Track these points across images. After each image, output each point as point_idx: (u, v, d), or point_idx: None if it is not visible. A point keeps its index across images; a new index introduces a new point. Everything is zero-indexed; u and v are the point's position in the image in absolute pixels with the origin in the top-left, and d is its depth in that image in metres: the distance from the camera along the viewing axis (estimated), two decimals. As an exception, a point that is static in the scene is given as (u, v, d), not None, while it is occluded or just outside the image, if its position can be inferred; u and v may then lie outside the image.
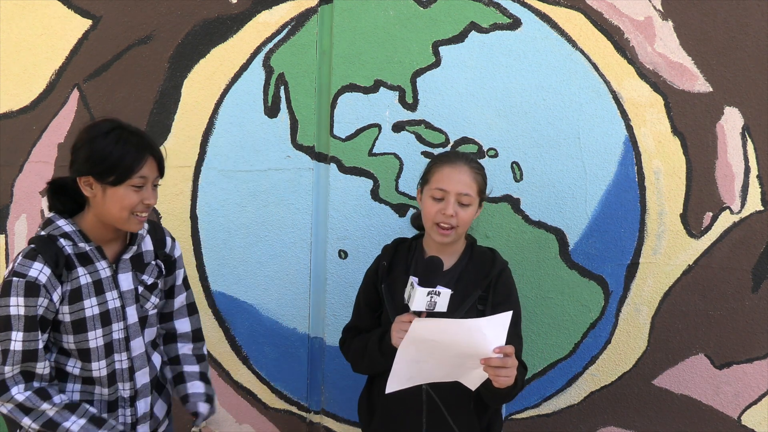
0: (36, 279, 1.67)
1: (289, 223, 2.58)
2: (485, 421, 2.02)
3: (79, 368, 1.80)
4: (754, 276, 2.52)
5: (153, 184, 1.79)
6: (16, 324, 1.67)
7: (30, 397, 1.69)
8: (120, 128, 1.75)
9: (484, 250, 2.08)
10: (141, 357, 1.90)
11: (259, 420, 2.71)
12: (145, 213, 1.78)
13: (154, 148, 1.78)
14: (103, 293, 1.80)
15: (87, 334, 1.77)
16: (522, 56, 2.46)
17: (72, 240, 1.76)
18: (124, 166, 1.71)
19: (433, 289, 1.78)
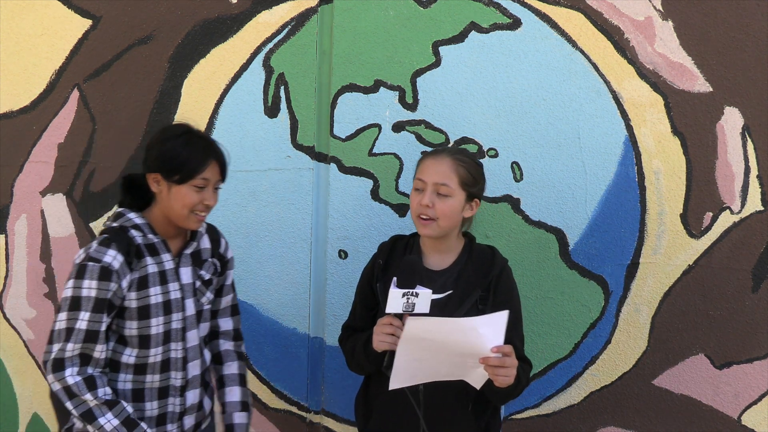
0: (110, 265, 1.80)
1: (289, 223, 2.58)
2: (483, 422, 2.01)
3: (135, 357, 1.91)
4: (754, 276, 2.52)
5: (214, 186, 1.93)
6: (86, 305, 1.79)
7: (78, 384, 1.80)
8: (190, 132, 1.92)
9: (484, 249, 2.07)
10: (195, 349, 2.01)
11: (259, 420, 2.71)
12: (204, 213, 1.92)
13: (219, 154, 1.92)
14: (167, 283, 1.93)
15: (150, 321, 1.89)
16: (522, 56, 2.46)
17: (142, 231, 1.90)
18: (188, 167, 1.85)
19: (408, 290, 1.77)
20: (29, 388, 2.74)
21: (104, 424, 1.80)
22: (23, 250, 2.67)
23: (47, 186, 2.63)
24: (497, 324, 1.70)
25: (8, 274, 2.69)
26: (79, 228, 2.64)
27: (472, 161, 2.01)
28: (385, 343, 1.82)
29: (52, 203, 2.64)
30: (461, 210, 1.96)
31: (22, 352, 2.72)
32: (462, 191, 1.95)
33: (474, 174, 1.97)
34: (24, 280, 2.69)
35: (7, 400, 2.76)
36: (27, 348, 2.72)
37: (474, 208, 1.99)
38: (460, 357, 1.77)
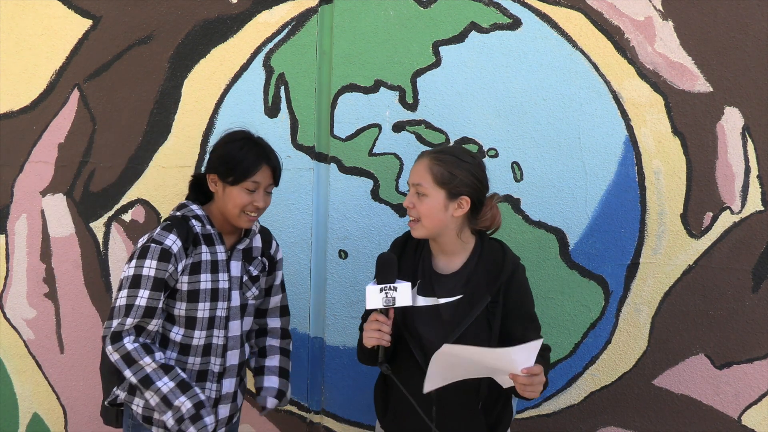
0: (170, 248, 1.97)
1: (289, 223, 2.58)
2: (492, 418, 2.02)
3: (181, 335, 2.04)
4: (754, 276, 2.52)
5: (266, 190, 2.05)
6: (145, 283, 1.95)
7: (137, 349, 1.94)
8: (248, 138, 2.06)
9: (495, 248, 2.03)
10: (235, 339, 2.12)
11: (259, 420, 2.71)
12: (254, 213, 2.04)
13: (271, 159, 2.05)
14: (217, 273, 2.06)
15: (197, 304, 2.03)
16: (522, 56, 2.46)
17: (201, 222, 2.06)
18: (241, 170, 1.99)
19: (386, 285, 1.82)
20: (29, 388, 2.75)
21: (161, 387, 1.94)
22: (23, 250, 2.67)
23: (47, 186, 2.63)
24: (530, 350, 1.76)
25: (8, 274, 2.69)
26: (79, 228, 2.64)
27: (456, 159, 1.94)
28: (373, 339, 1.86)
29: (52, 203, 2.64)
30: (443, 209, 1.92)
31: (22, 352, 2.72)
32: (439, 189, 1.91)
33: (452, 171, 1.91)
34: (24, 280, 2.69)
35: (7, 400, 2.76)
36: (27, 348, 2.72)
37: (464, 206, 1.93)
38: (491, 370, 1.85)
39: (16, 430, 2.78)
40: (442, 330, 1.94)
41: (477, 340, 1.92)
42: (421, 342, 1.96)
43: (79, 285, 2.68)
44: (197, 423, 1.96)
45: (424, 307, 1.97)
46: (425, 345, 1.96)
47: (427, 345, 1.95)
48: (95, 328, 2.69)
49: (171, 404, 1.95)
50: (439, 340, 1.92)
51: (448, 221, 1.94)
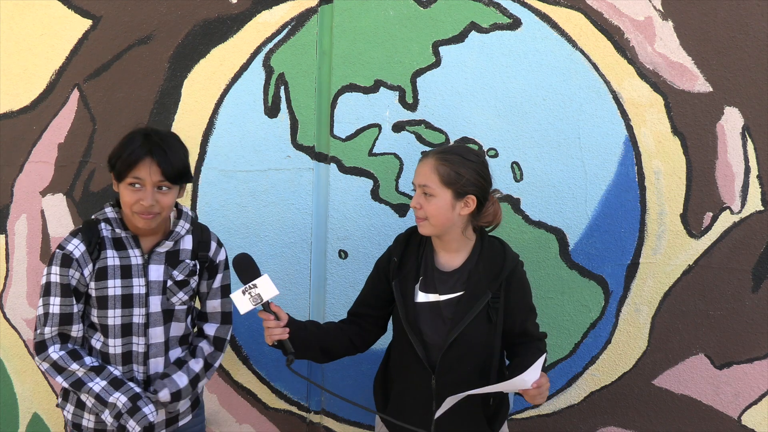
0: (71, 253, 1.91)
1: (289, 223, 2.58)
2: (490, 411, 2.06)
3: (101, 343, 1.98)
4: (754, 276, 2.52)
5: (156, 186, 1.88)
6: (55, 290, 1.91)
7: (63, 357, 1.91)
8: (140, 133, 1.92)
9: (495, 245, 2.05)
10: (158, 346, 2.03)
11: (259, 420, 2.71)
12: (146, 213, 1.89)
13: (155, 152, 1.86)
14: (130, 278, 1.96)
15: (107, 311, 1.95)
16: (522, 56, 2.47)
17: (111, 225, 1.97)
18: (119, 164, 1.88)
19: (245, 286, 1.84)
20: (29, 388, 2.75)
21: (93, 386, 1.91)
22: (23, 250, 2.67)
23: (47, 186, 2.63)
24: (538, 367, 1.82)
25: (8, 274, 2.69)
26: (79, 228, 2.64)
27: (462, 158, 1.96)
28: (270, 338, 1.90)
29: (52, 203, 2.64)
30: (450, 208, 1.94)
31: (22, 352, 2.72)
32: (446, 189, 1.93)
33: (459, 171, 1.93)
34: (24, 280, 2.69)
35: (7, 400, 2.76)
36: (27, 348, 2.72)
37: (470, 204, 1.95)
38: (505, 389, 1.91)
39: (16, 430, 2.77)
40: (443, 327, 1.97)
41: (478, 335, 1.95)
42: (422, 338, 1.98)
43: (79, 285, 2.68)
44: (136, 415, 1.90)
45: (426, 303, 1.99)
46: (426, 341, 1.98)
47: (428, 341, 1.98)
48: (95, 328, 2.69)
49: (106, 402, 1.91)
50: (440, 337, 1.95)
51: (455, 220, 1.97)
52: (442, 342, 1.95)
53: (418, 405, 2.01)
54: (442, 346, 1.95)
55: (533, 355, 1.96)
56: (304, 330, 2.00)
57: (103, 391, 1.90)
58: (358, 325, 2.14)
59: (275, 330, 1.90)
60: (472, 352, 1.96)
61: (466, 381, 1.95)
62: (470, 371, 1.97)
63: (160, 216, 1.93)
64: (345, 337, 2.10)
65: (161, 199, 1.90)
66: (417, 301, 2.00)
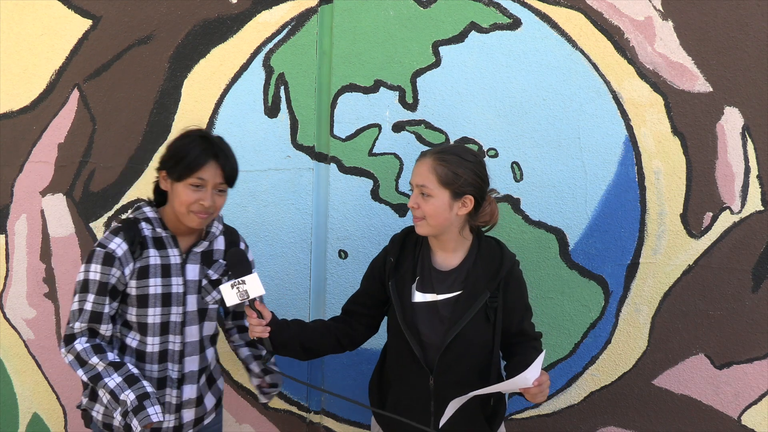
0: (113, 251, 1.93)
1: (289, 223, 2.58)
2: (489, 410, 2.06)
3: (137, 341, 2.01)
4: (754, 276, 2.52)
5: (216, 189, 1.96)
6: (92, 287, 1.93)
7: (87, 349, 1.93)
8: (200, 136, 1.98)
9: (492, 245, 2.06)
10: (193, 344, 2.07)
11: (259, 420, 2.71)
12: (202, 213, 1.95)
13: (219, 156, 1.95)
14: (169, 277, 2.00)
15: (147, 309, 1.98)
16: (522, 56, 2.46)
17: (152, 224, 2.00)
18: (184, 164, 1.92)
19: (235, 281, 1.88)
20: (29, 387, 2.75)
21: (108, 382, 1.91)
22: (23, 250, 2.67)
23: (47, 186, 2.63)
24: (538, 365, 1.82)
25: (8, 274, 2.69)
26: (79, 228, 2.64)
27: (460, 158, 1.96)
28: (255, 332, 1.94)
29: (52, 203, 2.64)
30: (448, 208, 1.94)
31: (22, 352, 2.72)
32: (444, 190, 1.93)
33: (456, 171, 1.93)
34: (24, 280, 2.69)
35: (7, 399, 2.76)
36: (27, 348, 2.72)
37: (468, 204, 1.96)
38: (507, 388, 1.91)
39: (16, 430, 2.78)
40: (440, 326, 1.96)
41: (476, 335, 1.95)
42: (420, 338, 1.98)
43: (79, 285, 2.68)
44: (139, 414, 1.90)
45: (423, 303, 1.99)
46: (424, 341, 1.98)
47: (426, 341, 1.98)
48: (95, 328, 2.69)
49: (118, 398, 1.91)
50: (438, 337, 1.95)
51: (453, 219, 1.97)
52: (440, 342, 1.95)
53: (416, 406, 2.01)
54: (440, 346, 1.95)
55: (531, 354, 1.96)
56: (286, 330, 2.01)
57: (117, 387, 1.92)
58: (348, 324, 2.13)
59: (256, 327, 1.94)
60: (470, 352, 1.96)
61: (465, 381, 1.94)
62: (468, 371, 1.97)
63: (211, 217, 1.99)
64: (331, 336, 2.10)
65: (218, 201, 1.98)
66: (414, 301, 2.00)
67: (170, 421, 2.05)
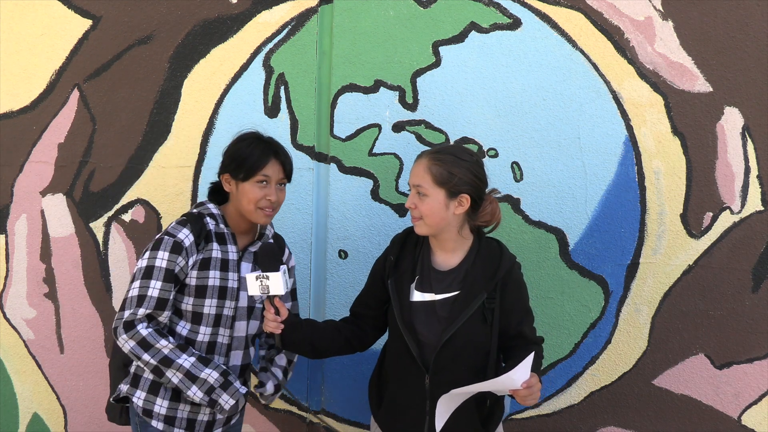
0: (182, 241, 2.01)
1: (289, 223, 2.58)
2: (485, 412, 2.05)
3: (187, 330, 2.07)
4: (754, 276, 2.52)
5: (278, 183, 2.08)
6: (158, 274, 1.99)
7: (152, 333, 1.97)
8: (256, 137, 2.10)
9: (492, 246, 2.06)
10: (240, 339, 2.14)
11: (259, 420, 2.71)
12: (269, 208, 2.07)
13: (279, 154, 2.08)
14: (227, 271, 2.08)
15: (204, 300, 2.05)
16: (522, 56, 2.46)
17: (216, 220, 2.11)
18: (249, 164, 2.04)
19: (260, 273, 1.92)
20: (29, 388, 2.75)
21: (183, 363, 1.97)
22: (23, 250, 2.67)
23: (47, 186, 2.63)
24: (526, 365, 1.81)
25: (8, 274, 2.69)
26: (79, 228, 2.64)
27: (455, 157, 1.96)
28: (268, 326, 1.99)
29: (52, 203, 2.64)
30: (444, 207, 1.95)
31: (22, 352, 2.73)
32: (439, 189, 1.94)
33: (451, 170, 1.93)
34: (24, 280, 2.69)
35: (7, 400, 2.76)
36: (27, 348, 2.72)
37: (464, 204, 1.95)
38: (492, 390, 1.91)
39: (16, 430, 2.78)
40: (438, 326, 1.97)
41: (472, 335, 1.95)
42: (417, 338, 1.98)
43: (79, 285, 2.68)
44: (229, 389, 2.01)
45: (421, 302, 1.99)
46: (421, 341, 1.98)
47: (423, 341, 1.98)
48: (95, 328, 2.69)
49: (196, 377, 1.98)
50: (435, 336, 1.95)
51: (450, 219, 1.97)
52: (437, 341, 1.95)
53: (411, 405, 2.01)
54: (437, 345, 1.95)
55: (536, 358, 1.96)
56: (298, 330, 2.04)
57: (193, 366, 1.98)
58: (357, 326, 2.15)
59: (271, 323, 1.98)
60: (466, 352, 1.96)
61: (461, 381, 1.93)
62: (465, 371, 1.96)
63: (275, 212, 2.10)
64: (341, 337, 2.12)
65: (281, 195, 2.10)
66: (412, 300, 2.00)
67: (205, 415, 2.10)
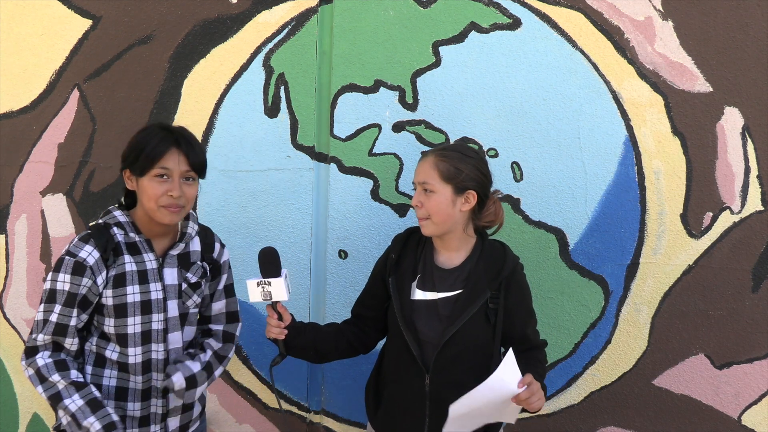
0: (84, 260, 1.81)
1: (289, 223, 2.58)
2: None
3: (118, 353, 1.90)
4: (754, 276, 2.52)
5: (183, 177, 1.85)
6: (60, 298, 1.81)
7: (48, 365, 1.81)
8: (158, 126, 1.87)
9: (496, 246, 2.06)
10: (177, 351, 1.97)
11: (259, 420, 2.71)
12: (174, 206, 1.84)
13: (181, 142, 1.83)
14: (147, 283, 1.89)
15: (126, 320, 1.87)
16: (522, 56, 2.47)
17: (124, 229, 1.89)
18: (144, 156, 1.81)
19: (261, 280, 1.87)
20: (29, 387, 2.75)
21: (69, 405, 1.80)
22: (23, 250, 2.67)
23: (47, 186, 2.63)
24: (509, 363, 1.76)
25: (8, 274, 2.69)
26: (79, 228, 2.64)
27: (461, 154, 1.97)
28: (272, 333, 1.98)
29: (52, 203, 2.64)
30: (451, 204, 1.95)
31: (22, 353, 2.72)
32: (446, 185, 1.94)
33: (458, 166, 1.94)
34: (24, 280, 2.69)
35: (7, 399, 2.76)
36: (27, 348, 2.72)
37: (471, 200, 1.96)
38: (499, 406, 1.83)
39: (16, 430, 2.78)
40: (439, 325, 1.96)
41: (474, 335, 1.94)
42: (417, 336, 1.97)
43: (79, 285, 2.68)
44: None
45: (423, 301, 1.98)
46: (422, 339, 1.97)
47: (423, 339, 1.97)
48: (95, 328, 2.69)
49: (80, 425, 1.80)
50: (436, 335, 1.95)
51: (456, 216, 1.97)
52: (438, 340, 1.94)
53: (410, 405, 2.00)
54: (438, 345, 1.94)
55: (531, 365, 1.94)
56: (302, 335, 2.03)
57: (79, 411, 1.80)
58: (359, 327, 2.15)
59: (274, 329, 1.97)
60: (467, 353, 1.95)
61: (461, 382, 1.92)
62: (465, 372, 1.95)
63: (184, 210, 1.88)
64: (344, 340, 2.12)
65: (187, 191, 1.86)
66: (414, 299, 2.00)
67: (156, 431, 1.97)
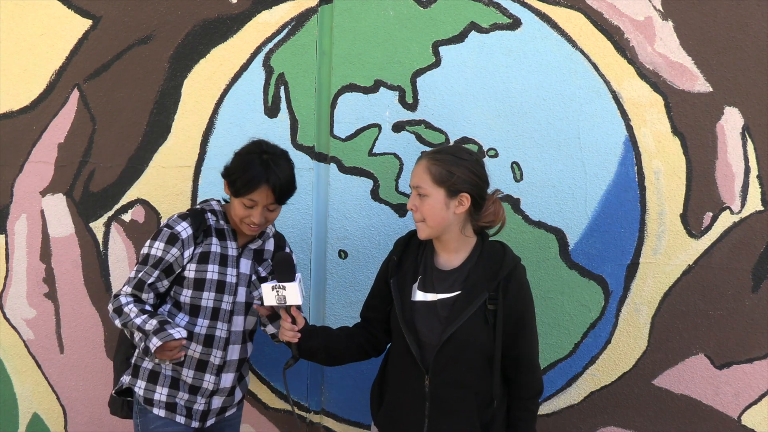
0: (179, 234, 2.09)
1: (289, 223, 2.58)
2: (488, 414, 2.01)
3: (186, 322, 2.13)
4: (754, 276, 2.52)
5: (266, 207, 2.08)
6: (150, 260, 2.09)
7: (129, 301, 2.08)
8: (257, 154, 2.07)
9: (496, 247, 2.05)
10: (238, 334, 2.20)
11: (259, 420, 2.71)
12: (254, 226, 2.09)
13: (271, 179, 2.04)
14: (226, 267, 2.15)
15: (202, 293, 2.12)
16: (522, 56, 2.46)
17: (216, 216, 2.18)
18: (239, 186, 2.06)
19: (276, 284, 1.95)
20: (29, 388, 2.75)
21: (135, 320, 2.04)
22: (23, 250, 2.67)
23: (47, 186, 2.63)
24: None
25: (8, 274, 2.69)
26: (79, 228, 2.64)
27: (454, 157, 1.96)
28: (285, 336, 2.02)
29: (52, 203, 2.64)
30: (444, 207, 1.94)
31: (22, 352, 2.72)
32: (438, 188, 1.94)
33: (450, 169, 1.93)
34: (24, 280, 2.69)
35: (7, 399, 2.76)
36: (27, 348, 2.72)
37: (465, 203, 1.95)
38: None
39: (16, 430, 2.77)
40: (438, 326, 1.96)
41: (473, 336, 1.95)
42: (418, 338, 1.98)
43: (79, 285, 2.68)
44: (160, 334, 2.00)
45: (423, 302, 1.99)
46: (422, 340, 1.98)
47: (423, 340, 1.98)
48: (95, 328, 2.69)
49: (143, 329, 2.02)
50: (435, 336, 1.95)
51: (451, 219, 1.97)
52: (437, 341, 1.95)
53: (411, 406, 2.00)
54: (437, 345, 1.94)
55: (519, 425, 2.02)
56: (315, 338, 2.06)
57: (143, 321, 2.03)
58: (368, 330, 2.15)
59: (288, 332, 2.01)
60: (466, 353, 1.95)
61: (461, 383, 1.93)
62: (465, 373, 1.95)
63: (263, 228, 2.13)
64: (355, 343, 2.13)
65: (269, 216, 2.11)
66: (414, 300, 2.00)
67: (200, 404, 2.17)
